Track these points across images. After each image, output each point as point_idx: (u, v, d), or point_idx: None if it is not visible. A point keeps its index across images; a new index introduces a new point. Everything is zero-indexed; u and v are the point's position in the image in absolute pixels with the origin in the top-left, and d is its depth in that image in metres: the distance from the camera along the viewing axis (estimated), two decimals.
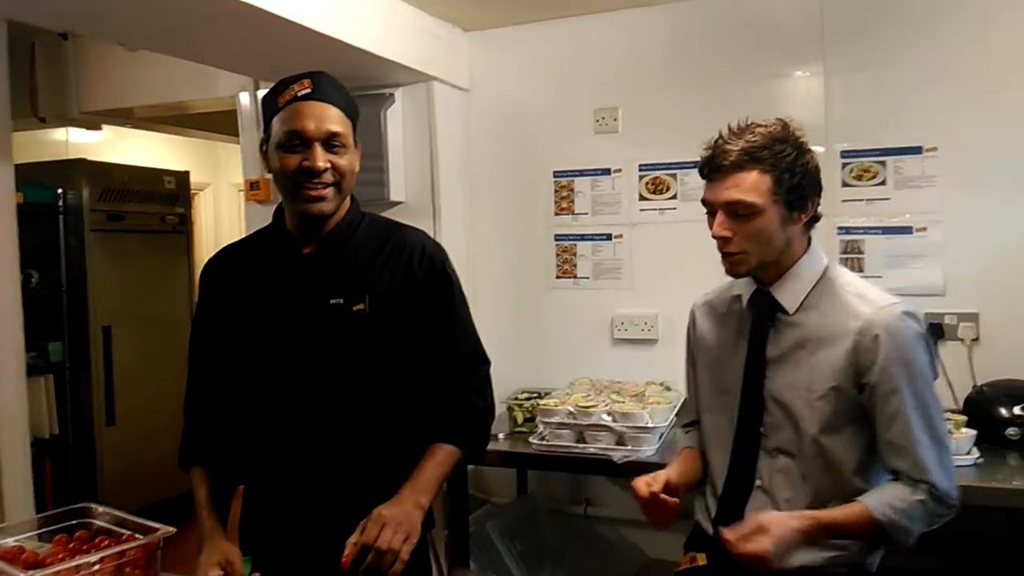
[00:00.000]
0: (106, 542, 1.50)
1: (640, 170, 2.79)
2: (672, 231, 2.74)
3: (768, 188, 1.45)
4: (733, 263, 1.52)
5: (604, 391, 2.46)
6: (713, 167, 1.50)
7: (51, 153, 4.60)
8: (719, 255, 1.54)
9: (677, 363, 2.69)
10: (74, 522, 1.61)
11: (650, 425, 2.16)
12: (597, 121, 2.84)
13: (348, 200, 1.55)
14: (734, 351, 1.59)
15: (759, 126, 1.50)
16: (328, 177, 1.46)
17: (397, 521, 1.36)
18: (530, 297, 2.93)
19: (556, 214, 2.90)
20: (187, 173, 4.92)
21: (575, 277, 2.88)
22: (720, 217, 1.49)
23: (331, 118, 1.45)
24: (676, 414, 2.35)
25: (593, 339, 2.83)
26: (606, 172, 2.83)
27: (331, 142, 1.45)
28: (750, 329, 1.57)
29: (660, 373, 2.65)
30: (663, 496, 1.48)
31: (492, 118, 2.98)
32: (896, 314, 1.46)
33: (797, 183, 1.47)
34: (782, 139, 1.48)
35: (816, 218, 1.54)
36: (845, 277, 1.56)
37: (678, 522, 1.55)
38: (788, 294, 1.53)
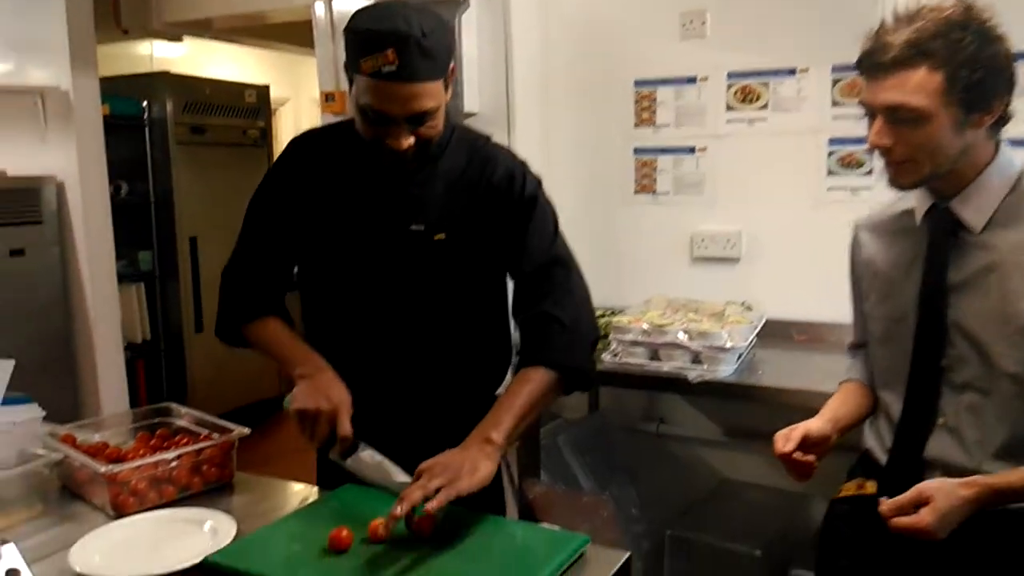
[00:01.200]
0: (185, 440, 1.55)
1: (728, 78, 2.61)
2: (760, 144, 2.58)
3: (938, 88, 1.21)
4: (897, 172, 1.29)
5: (681, 310, 2.38)
6: (872, 63, 1.26)
7: (136, 67, 4.68)
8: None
9: (759, 283, 2.61)
10: (156, 421, 1.68)
11: (728, 345, 2.08)
12: (683, 25, 2.66)
13: None
14: (907, 274, 1.37)
15: (932, 10, 1.23)
16: (410, 151, 1.35)
17: (442, 467, 1.21)
18: (606, 212, 2.83)
19: (636, 126, 2.76)
20: (267, 87, 4.95)
21: (654, 192, 2.76)
22: (879, 123, 1.26)
23: (418, 97, 1.29)
24: (757, 335, 2.27)
25: (671, 256, 2.74)
26: (691, 81, 2.66)
27: (421, 118, 1.33)
28: (926, 249, 1.35)
29: (741, 293, 2.55)
30: (796, 457, 1.33)
31: (570, 24, 2.83)
32: None
33: (978, 80, 1.21)
34: (961, 24, 1.21)
35: (1005, 119, 1.29)
36: None
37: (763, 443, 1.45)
38: (973, 209, 1.29)
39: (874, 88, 1.26)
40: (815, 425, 1.38)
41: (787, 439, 1.35)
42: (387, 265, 1.46)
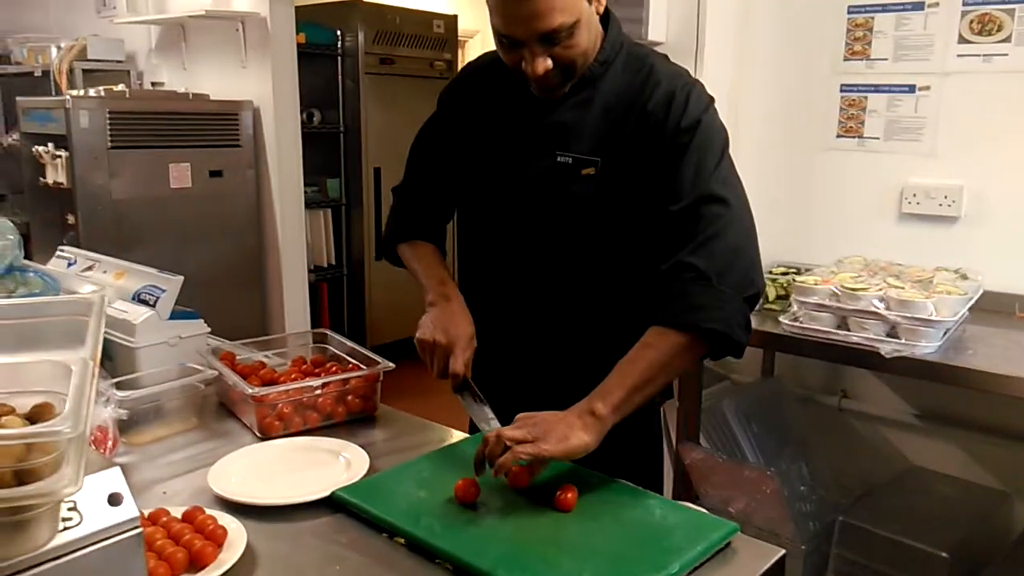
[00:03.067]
0: (334, 368, 1.56)
1: (964, 4, 2.21)
2: (998, 83, 2.18)
3: None
4: None
5: (880, 273, 2.09)
6: None
7: None
8: None
9: (979, 247, 2.25)
10: (313, 345, 1.71)
11: (933, 318, 1.79)
12: None
13: (601, 31, 1.30)
14: None
15: None
16: (552, 76, 1.23)
17: (532, 423, 1.13)
18: (802, 157, 2.54)
19: (846, 59, 2.43)
20: (455, 18, 4.92)
21: (861, 136, 2.43)
22: None
23: (543, 15, 1.16)
24: (970, 308, 1.95)
25: (874, 211, 2.41)
26: (918, 7, 2.28)
27: (553, 37, 1.19)
28: None
29: (956, 258, 2.21)
30: None
31: None
32: None
33: None
34: None
35: None
36: None
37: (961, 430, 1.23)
38: None
39: None
40: None
41: None
42: (531, 201, 1.35)
